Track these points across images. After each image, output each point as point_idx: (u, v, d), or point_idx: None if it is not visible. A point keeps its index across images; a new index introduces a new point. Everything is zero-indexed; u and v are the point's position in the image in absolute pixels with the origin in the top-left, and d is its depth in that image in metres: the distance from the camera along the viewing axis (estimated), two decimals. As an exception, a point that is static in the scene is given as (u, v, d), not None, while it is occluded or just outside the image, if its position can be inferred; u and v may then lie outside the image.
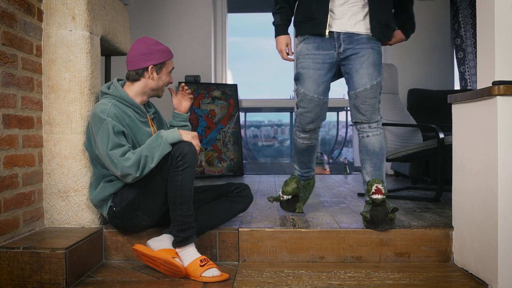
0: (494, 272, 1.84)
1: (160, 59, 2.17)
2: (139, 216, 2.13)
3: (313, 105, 2.35)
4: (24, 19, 2.07)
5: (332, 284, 1.93)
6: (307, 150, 2.55)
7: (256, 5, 5.83)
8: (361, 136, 2.36)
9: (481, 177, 1.96)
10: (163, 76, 2.21)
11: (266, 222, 2.42)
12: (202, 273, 1.95)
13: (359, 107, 2.30)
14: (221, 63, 5.30)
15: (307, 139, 2.49)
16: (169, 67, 2.23)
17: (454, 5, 5.04)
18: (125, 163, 1.97)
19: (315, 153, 2.61)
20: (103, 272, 2.09)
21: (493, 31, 1.86)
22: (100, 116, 2.02)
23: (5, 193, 1.94)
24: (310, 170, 2.66)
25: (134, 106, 2.16)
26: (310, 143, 2.51)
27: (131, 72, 2.17)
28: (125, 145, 2.02)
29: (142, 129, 2.17)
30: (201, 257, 2.00)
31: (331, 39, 2.29)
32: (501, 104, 1.81)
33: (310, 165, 2.65)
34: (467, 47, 4.96)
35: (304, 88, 2.34)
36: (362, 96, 2.28)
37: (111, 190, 2.12)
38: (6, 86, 1.95)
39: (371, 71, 2.27)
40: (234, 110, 5.04)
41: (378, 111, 2.33)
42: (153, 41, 2.19)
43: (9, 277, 1.86)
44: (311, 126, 2.42)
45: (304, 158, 2.59)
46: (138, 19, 4.88)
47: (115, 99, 2.13)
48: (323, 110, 2.40)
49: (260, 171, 5.68)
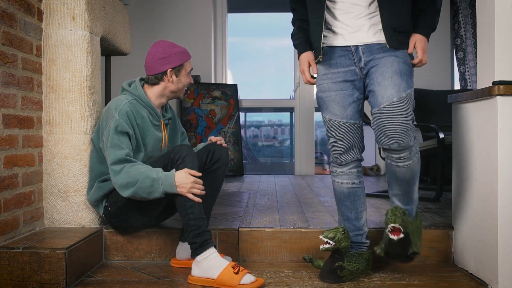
0: (494, 272, 1.84)
1: (178, 61, 2.15)
2: (135, 217, 2.13)
3: (343, 132, 1.96)
4: (24, 19, 2.07)
5: (332, 285, 1.93)
6: (350, 196, 2.05)
7: (256, 5, 5.83)
8: (388, 162, 1.95)
9: (481, 177, 1.96)
10: (182, 78, 2.19)
11: (266, 222, 2.42)
12: (240, 281, 1.84)
13: (385, 128, 1.84)
14: (221, 63, 5.30)
15: (346, 176, 2.03)
16: (187, 68, 2.20)
17: (454, 5, 5.04)
18: (114, 177, 1.97)
19: (362, 205, 2.07)
20: (103, 272, 2.09)
21: (493, 31, 1.86)
22: (112, 112, 2.05)
23: (5, 193, 1.94)
24: (360, 232, 2.07)
25: (150, 108, 2.16)
26: (352, 183, 2.03)
27: (150, 77, 2.17)
28: (124, 149, 1.99)
29: (153, 132, 2.16)
30: (232, 264, 1.89)
31: (349, 53, 1.93)
32: (501, 104, 1.81)
33: (359, 225, 2.06)
34: (467, 47, 4.96)
35: (329, 114, 1.98)
36: (388, 113, 1.83)
37: (105, 190, 2.13)
38: (6, 86, 1.95)
39: (397, 81, 1.84)
40: (234, 110, 5.04)
41: (411, 132, 1.85)
42: (170, 44, 2.17)
43: (9, 277, 1.86)
44: (347, 157, 2.00)
45: (347, 210, 2.07)
46: (138, 19, 4.88)
47: (133, 97, 2.14)
48: (356, 137, 1.99)
49: (260, 171, 5.69)
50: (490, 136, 1.87)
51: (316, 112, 5.31)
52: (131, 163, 1.97)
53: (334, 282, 1.95)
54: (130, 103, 2.10)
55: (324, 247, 1.91)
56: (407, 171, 1.90)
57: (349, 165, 2.02)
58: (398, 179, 1.94)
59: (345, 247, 1.93)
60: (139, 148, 2.12)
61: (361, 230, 2.06)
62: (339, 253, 1.94)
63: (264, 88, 5.81)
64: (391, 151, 1.88)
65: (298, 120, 5.31)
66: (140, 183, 1.92)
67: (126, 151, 2.00)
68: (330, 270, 1.96)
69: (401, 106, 1.83)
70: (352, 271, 1.96)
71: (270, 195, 3.48)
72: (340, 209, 2.09)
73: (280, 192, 3.61)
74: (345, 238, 1.92)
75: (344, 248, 1.93)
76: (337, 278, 1.95)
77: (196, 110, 4.87)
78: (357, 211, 2.05)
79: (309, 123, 5.28)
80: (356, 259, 1.99)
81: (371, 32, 1.91)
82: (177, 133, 2.37)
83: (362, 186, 2.06)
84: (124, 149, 1.99)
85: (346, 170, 2.03)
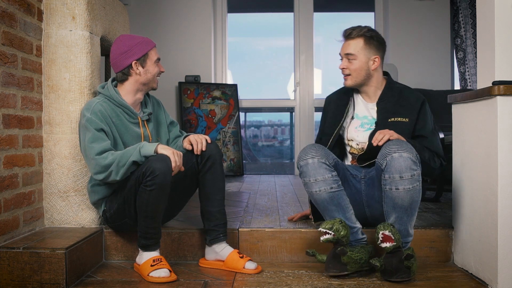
0: (494, 272, 1.84)
1: (141, 52, 2.11)
2: (128, 223, 2.13)
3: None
4: (24, 19, 2.07)
5: (332, 284, 1.93)
6: (333, 200, 2.06)
7: (256, 5, 5.82)
8: (383, 185, 1.99)
9: (481, 177, 1.96)
10: (149, 68, 2.14)
11: (266, 222, 2.42)
12: (149, 273, 1.95)
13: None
14: (221, 63, 5.30)
15: (322, 183, 2.05)
16: (153, 57, 2.14)
17: (454, 5, 5.04)
18: (102, 163, 1.97)
19: (348, 205, 2.08)
20: (103, 272, 2.09)
21: (493, 31, 1.86)
22: (84, 112, 2.06)
23: (5, 193, 1.94)
24: (354, 230, 2.07)
25: (123, 107, 2.14)
26: (330, 188, 2.05)
27: (118, 74, 2.16)
28: (106, 140, 2.01)
29: (131, 130, 2.14)
30: (155, 257, 1.99)
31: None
32: (501, 104, 1.81)
33: (350, 223, 2.07)
34: (467, 47, 4.96)
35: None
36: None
37: (100, 195, 2.14)
38: (6, 86, 1.94)
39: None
40: (234, 110, 5.04)
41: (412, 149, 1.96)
42: (129, 36, 2.16)
43: (9, 277, 1.85)
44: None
45: (335, 212, 2.07)
46: (138, 19, 4.88)
47: (105, 98, 2.13)
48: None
49: (260, 171, 5.68)
50: (490, 136, 1.87)
51: (316, 112, 5.31)
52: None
53: (340, 272, 1.95)
54: (103, 102, 2.10)
55: (324, 237, 1.93)
56: (406, 195, 1.94)
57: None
58: (396, 206, 1.96)
59: (345, 236, 1.94)
60: (119, 147, 2.10)
61: (354, 227, 2.07)
62: (340, 244, 1.96)
63: (264, 88, 5.80)
64: (387, 176, 1.96)
65: (298, 120, 5.31)
66: (122, 154, 1.96)
67: (109, 142, 2.02)
68: (333, 259, 1.96)
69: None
70: (356, 260, 1.97)
71: (270, 195, 3.48)
72: (327, 215, 2.08)
73: (280, 192, 3.61)
74: (343, 227, 1.94)
75: (344, 237, 1.94)
76: (342, 266, 1.96)
77: (196, 110, 4.87)
78: (345, 212, 2.06)
79: (309, 123, 5.29)
80: (358, 250, 2.01)
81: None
82: (163, 125, 2.31)
83: (342, 189, 2.07)
84: (106, 140, 2.02)
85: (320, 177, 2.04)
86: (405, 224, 1.99)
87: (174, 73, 4.84)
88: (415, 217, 2.01)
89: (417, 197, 1.96)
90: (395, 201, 1.95)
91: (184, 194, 2.23)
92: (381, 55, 2.25)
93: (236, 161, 4.96)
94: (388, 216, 2.00)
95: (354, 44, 2.21)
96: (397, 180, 1.93)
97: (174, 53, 4.92)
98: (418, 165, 1.94)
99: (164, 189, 1.94)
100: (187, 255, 2.25)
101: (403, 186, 1.92)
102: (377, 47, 2.22)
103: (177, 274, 2.02)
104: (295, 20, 5.33)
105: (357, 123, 2.29)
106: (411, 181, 1.92)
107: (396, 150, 1.93)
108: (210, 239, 2.13)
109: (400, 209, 1.96)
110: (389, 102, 2.24)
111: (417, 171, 1.94)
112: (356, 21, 2.35)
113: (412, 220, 2.00)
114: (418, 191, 1.96)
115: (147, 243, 2.03)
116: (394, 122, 2.18)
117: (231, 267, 2.07)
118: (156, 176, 1.89)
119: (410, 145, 1.97)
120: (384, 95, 2.26)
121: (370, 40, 2.21)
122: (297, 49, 5.31)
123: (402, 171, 1.91)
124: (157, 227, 2.03)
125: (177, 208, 2.28)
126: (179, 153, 1.99)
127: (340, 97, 2.37)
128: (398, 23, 5.06)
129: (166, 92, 4.79)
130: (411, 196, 1.94)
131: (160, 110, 2.33)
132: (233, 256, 2.08)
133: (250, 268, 2.05)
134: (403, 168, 1.91)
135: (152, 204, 1.96)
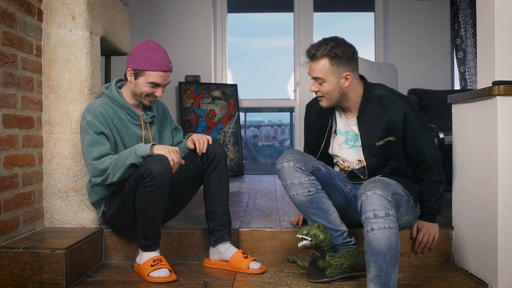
0: (494, 272, 1.84)
1: (139, 66, 2.06)
2: (128, 224, 2.13)
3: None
4: (24, 19, 2.07)
5: (332, 284, 1.93)
6: (312, 203, 2.03)
7: (256, 5, 5.82)
8: (364, 229, 1.80)
9: (481, 177, 1.96)
10: (140, 84, 2.08)
11: (266, 222, 2.42)
12: (149, 273, 1.96)
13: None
14: (221, 63, 5.29)
15: (298, 186, 2.03)
16: (149, 78, 2.06)
17: (454, 5, 5.04)
18: (99, 167, 1.98)
19: (330, 207, 2.04)
20: (103, 272, 2.09)
21: (493, 31, 1.86)
22: (84, 114, 2.07)
23: (5, 193, 1.94)
24: (338, 234, 2.03)
25: (126, 108, 2.14)
26: (308, 191, 2.02)
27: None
28: (105, 144, 2.01)
29: (132, 132, 2.14)
30: (155, 257, 2.00)
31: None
32: (501, 104, 1.81)
33: (334, 226, 2.03)
34: (467, 47, 4.96)
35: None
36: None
37: (98, 196, 2.14)
38: (6, 86, 1.94)
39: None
40: (234, 110, 5.04)
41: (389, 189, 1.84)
42: (147, 47, 2.09)
43: (9, 277, 1.86)
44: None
45: (315, 216, 2.04)
46: (138, 19, 4.88)
47: (108, 99, 2.14)
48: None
49: (260, 171, 5.68)
50: (490, 136, 1.87)
51: (316, 112, 5.30)
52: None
53: (319, 279, 1.92)
54: (106, 104, 2.10)
55: (302, 243, 1.89)
56: (382, 236, 1.73)
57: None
58: (373, 251, 1.74)
59: (324, 241, 1.89)
60: (119, 149, 2.10)
61: (338, 231, 2.02)
62: (320, 250, 1.92)
63: (264, 88, 5.80)
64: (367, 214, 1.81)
65: (298, 120, 5.31)
66: (118, 157, 1.97)
67: (109, 145, 2.03)
68: (311, 265, 1.95)
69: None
70: (336, 265, 1.92)
71: (270, 195, 3.48)
72: (309, 218, 2.06)
73: (280, 192, 3.61)
74: (321, 232, 1.88)
75: (323, 242, 1.89)
76: (320, 273, 1.93)
77: (196, 110, 4.87)
78: (327, 215, 2.02)
79: (309, 123, 5.28)
80: (342, 255, 1.96)
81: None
82: (167, 128, 2.32)
83: (322, 192, 2.04)
84: (105, 144, 2.02)
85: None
86: (387, 275, 1.71)
87: (174, 73, 4.78)
88: (396, 270, 1.73)
89: (395, 243, 1.73)
90: (372, 245, 1.73)
91: (187, 193, 2.24)
92: (353, 67, 2.02)
93: (236, 161, 4.96)
94: (368, 268, 1.75)
95: (320, 66, 1.99)
96: (371, 219, 1.75)
97: (174, 53, 4.91)
98: (393, 207, 1.78)
99: (163, 190, 1.94)
100: (187, 255, 2.26)
101: (378, 225, 1.73)
102: (346, 62, 1.99)
103: (177, 274, 2.02)
104: (295, 20, 5.33)
105: (340, 139, 2.17)
106: (385, 220, 1.73)
107: (370, 188, 1.80)
108: (215, 239, 2.13)
109: (377, 255, 1.72)
110: (368, 117, 2.06)
111: (392, 212, 1.76)
112: (356, 21, 2.34)
113: (393, 273, 1.72)
114: (395, 236, 1.74)
115: (147, 243, 2.03)
116: (385, 145, 2.04)
117: (236, 267, 2.07)
118: (154, 177, 1.89)
119: (387, 183, 1.87)
120: (363, 110, 2.07)
121: (335, 59, 1.98)
122: (297, 49, 5.31)
123: (376, 209, 1.75)
124: (156, 228, 2.04)
125: (179, 207, 2.30)
126: (175, 148, 1.99)
127: (321, 107, 2.14)
128: (398, 23, 5.06)
129: (166, 92, 4.74)
130: (388, 238, 1.72)
131: (165, 114, 2.34)
132: (238, 256, 2.08)
133: (254, 268, 2.05)
134: (376, 205, 1.75)
135: (151, 205, 1.96)
